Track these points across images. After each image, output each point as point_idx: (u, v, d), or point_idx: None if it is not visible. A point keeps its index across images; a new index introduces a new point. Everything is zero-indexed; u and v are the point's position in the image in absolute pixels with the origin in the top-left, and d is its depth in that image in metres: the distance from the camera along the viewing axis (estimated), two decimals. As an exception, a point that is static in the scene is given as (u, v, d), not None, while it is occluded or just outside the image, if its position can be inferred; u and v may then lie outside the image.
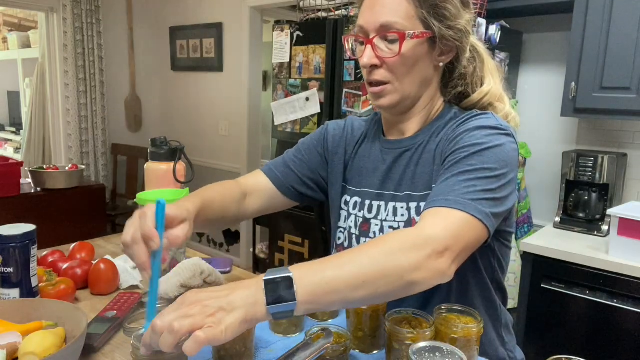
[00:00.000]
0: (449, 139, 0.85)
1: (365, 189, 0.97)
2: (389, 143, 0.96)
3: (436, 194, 0.75)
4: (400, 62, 0.84)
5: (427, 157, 0.89)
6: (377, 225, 0.93)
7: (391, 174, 0.94)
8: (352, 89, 2.30)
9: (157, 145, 1.22)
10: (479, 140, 0.79)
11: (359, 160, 1.01)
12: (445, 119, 0.91)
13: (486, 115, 0.85)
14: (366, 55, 0.85)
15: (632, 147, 2.14)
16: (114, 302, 0.94)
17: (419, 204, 0.87)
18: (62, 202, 2.73)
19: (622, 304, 1.71)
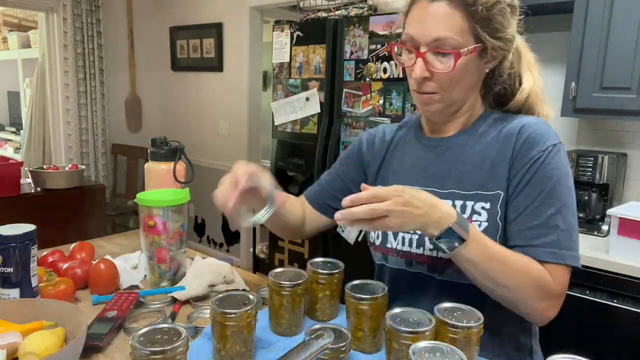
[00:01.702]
0: (521, 156, 0.85)
1: (404, 185, 0.95)
2: (430, 141, 0.97)
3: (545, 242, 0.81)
4: (451, 76, 0.84)
5: (475, 158, 0.90)
6: None
7: (432, 171, 0.94)
8: (352, 89, 2.30)
9: (157, 145, 1.22)
10: (559, 177, 0.83)
11: (394, 161, 1.01)
12: (487, 121, 0.93)
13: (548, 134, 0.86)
14: (418, 68, 0.84)
15: (632, 147, 2.14)
16: (113, 301, 0.94)
17: (464, 202, 0.88)
18: (62, 202, 2.73)
19: (622, 304, 1.71)
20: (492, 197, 0.86)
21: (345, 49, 2.30)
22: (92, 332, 0.83)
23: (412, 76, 0.86)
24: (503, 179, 0.86)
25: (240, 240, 3.87)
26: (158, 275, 1.06)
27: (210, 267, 1.08)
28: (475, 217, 0.86)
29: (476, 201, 0.87)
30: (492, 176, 0.87)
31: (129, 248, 1.34)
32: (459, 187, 0.89)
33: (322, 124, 2.43)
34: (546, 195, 0.82)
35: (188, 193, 1.08)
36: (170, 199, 1.03)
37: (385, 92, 2.17)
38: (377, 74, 2.19)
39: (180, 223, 1.05)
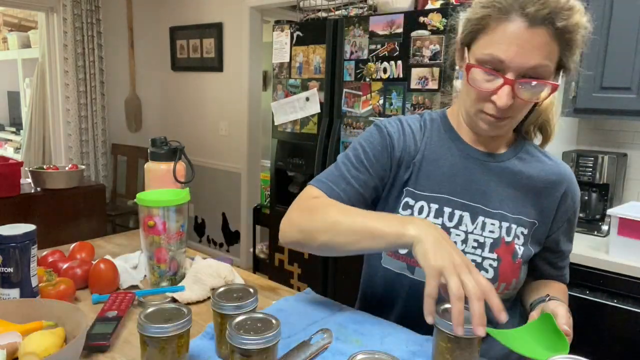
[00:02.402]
0: (572, 203, 0.95)
1: (443, 194, 0.92)
2: (479, 154, 0.93)
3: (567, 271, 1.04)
4: (530, 104, 0.83)
5: (523, 183, 0.92)
6: (459, 235, 0.90)
7: (479, 187, 0.92)
8: (352, 89, 2.30)
9: (157, 145, 1.22)
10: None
11: (428, 162, 0.93)
12: (530, 150, 0.96)
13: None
14: (505, 97, 0.78)
15: (632, 147, 2.14)
16: (111, 302, 0.94)
17: (510, 224, 0.91)
18: (62, 202, 2.73)
19: (622, 304, 1.71)
20: (530, 224, 0.92)
21: (345, 49, 2.30)
22: (96, 332, 0.83)
23: (497, 103, 0.79)
24: (543, 211, 0.93)
25: (240, 240, 3.87)
26: (158, 275, 1.06)
27: (210, 269, 1.08)
28: (516, 241, 0.91)
29: (519, 225, 0.91)
30: (533, 205, 0.92)
31: (129, 248, 1.34)
32: (506, 209, 0.91)
33: (322, 124, 2.43)
34: (572, 237, 1.00)
35: (188, 193, 1.08)
36: (170, 199, 1.03)
37: (385, 92, 2.17)
38: (377, 74, 2.19)
39: (180, 223, 1.05)
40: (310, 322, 0.91)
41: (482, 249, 0.89)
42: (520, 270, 0.91)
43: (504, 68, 0.78)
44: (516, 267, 0.90)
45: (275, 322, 0.67)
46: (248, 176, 3.73)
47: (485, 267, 0.89)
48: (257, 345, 0.63)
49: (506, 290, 0.90)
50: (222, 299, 0.77)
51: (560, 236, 0.96)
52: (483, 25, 0.80)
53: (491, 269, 0.88)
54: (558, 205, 0.93)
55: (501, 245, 0.89)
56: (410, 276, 0.92)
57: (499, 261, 0.89)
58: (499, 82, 0.79)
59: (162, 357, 0.69)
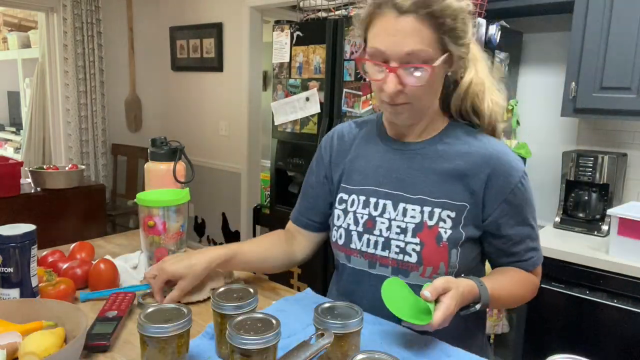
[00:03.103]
0: (505, 183, 0.92)
1: (369, 186, 0.99)
2: (397, 144, 0.99)
3: (530, 256, 0.98)
4: (423, 88, 0.86)
5: (444, 167, 0.94)
6: (384, 223, 0.96)
7: (400, 175, 0.97)
8: (352, 89, 2.30)
9: (157, 145, 1.22)
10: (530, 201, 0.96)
11: (358, 160, 1.03)
12: (456, 133, 0.97)
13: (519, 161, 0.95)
14: (391, 84, 0.85)
15: (632, 147, 2.14)
16: (111, 302, 0.94)
17: (433, 209, 0.92)
18: (62, 202, 2.73)
19: (622, 304, 1.71)
20: (458, 207, 0.92)
21: (345, 49, 2.30)
22: (97, 332, 0.83)
23: (385, 90, 0.86)
24: (473, 194, 0.92)
25: (240, 240, 3.87)
26: (158, 275, 1.06)
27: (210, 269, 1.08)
28: (441, 225, 0.92)
29: (443, 209, 0.92)
30: (460, 188, 0.93)
31: (129, 248, 1.34)
32: (427, 194, 0.93)
33: (322, 124, 2.43)
34: (524, 219, 0.95)
35: (188, 193, 1.08)
36: (170, 199, 1.03)
37: (385, 92, 2.17)
38: (377, 74, 2.19)
39: (180, 223, 1.05)
40: (310, 322, 0.91)
41: (404, 234, 0.93)
42: (449, 253, 0.91)
43: (387, 58, 0.84)
44: (442, 250, 0.91)
45: (275, 322, 0.68)
46: (248, 176, 3.73)
47: (409, 252, 0.92)
48: (257, 345, 0.63)
49: (434, 274, 0.91)
50: (222, 299, 0.77)
51: (501, 219, 0.93)
52: (367, 23, 0.87)
53: (414, 253, 0.92)
54: (485, 186, 0.92)
55: (424, 230, 0.92)
56: (350, 265, 1.00)
57: (422, 245, 0.91)
58: (385, 71, 0.85)
59: (162, 357, 0.69)
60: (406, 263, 0.93)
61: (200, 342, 0.84)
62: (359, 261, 0.98)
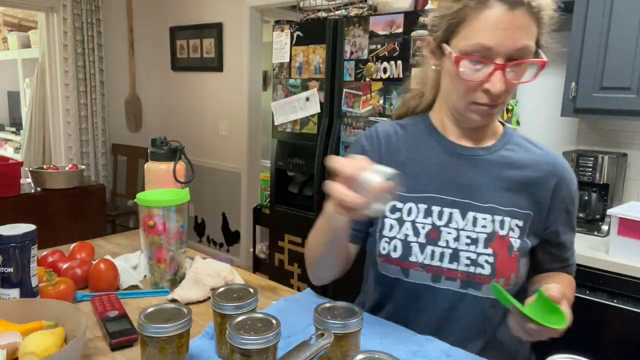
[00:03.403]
0: (568, 192, 0.93)
1: (430, 194, 0.91)
2: (462, 149, 0.93)
3: (573, 261, 1.01)
4: (516, 87, 0.82)
5: (512, 175, 0.90)
6: (451, 233, 0.89)
7: (466, 182, 0.90)
8: (352, 89, 2.30)
9: (157, 145, 1.22)
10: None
11: (410, 164, 0.93)
12: (516, 140, 0.95)
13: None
14: (499, 82, 0.78)
15: (632, 147, 2.14)
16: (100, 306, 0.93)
17: (503, 218, 0.88)
18: (62, 202, 2.73)
19: (622, 304, 1.71)
20: (524, 215, 0.90)
21: (345, 49, 2.30)
22: (117, 330, 0.84)
23: (492, 90, 0.79)
24: (537, 202, 0.91)
25: (240, 240, 3.87)
26: (158, 275, 1.06)
27: (210, 269, 1.08)
28: (511, 234, 0.88)
29: (512, 218, 0.89)
30: (527, 196, 0.90)
31: (129, 248, 1.34)
32: (497, 202, 0.89)
33: (322, 124, 2.43)
34: (574, 225, 0.98)
35: (188, 193, 1.08)
36: (170, 199, 1.03)
37: (385, 92, 2.17)
38: (377, 74, 2.19)
39: (180, 223, 1.05)
40: (310, 322, 0.91)
41: (475, 245, 0.88)
42: (519, 264, 0.88)
43: (491, 54, 0.78)
44: (513, 260, 0.87)
45: (275, 322, 0.68)
46: (248, 176, 3.73)
47: (481, 264, 0.87)
48: (257, 345, 0.63)
49: (506, 287, 0.87)
50: (222, 299, 0.77)
51: (560, 227, 0.93)
52: (461, 18, 0.80)
53: (487, 264, 0.87)
54: (552, 194, 0.91)
55: (495, 240, 0.88)
56: (407, 280, 0.91)
57: (495, 256, 0.87)
58: (489, 69, 0.79)
59: (162, 357, 0.69)
60: (478, 275, 0.87)
61: (200, 342, 0.84)
62: (420, 275, 0.90)
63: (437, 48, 0.86)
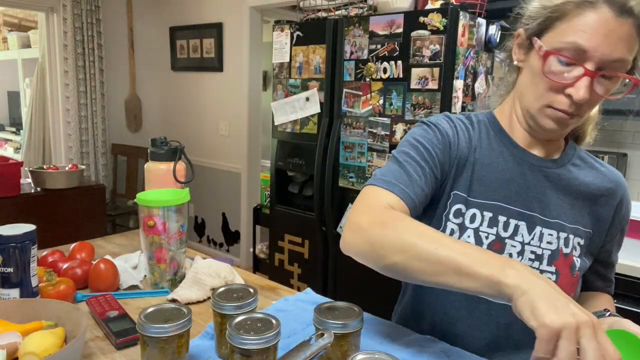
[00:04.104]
0: (627, 211, 0.92)
1: (497, 202, 0.85)
2: (534, 158, 0.86)
3: (614, 271, 0.99)
4: (599, 101, 0.76)
5: (580, 191, 0.87)
6: (515, 247, 0.84)
7: (535, 194, 0.85)
8: (352, 89, 2.30)
9: (157, 145, 1.22)
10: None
11: (480, 167, 0.86)
12: (582, 155, 0.93)
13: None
14: (583, 89, 0.72)
15: (632, 147, 2.14)
16: (98, 307, 0.93)
17: (568, 235, 0.85)
18: (62, 202, 2.73)
19: (622, 304, 1.71)
20: (586, 234, 0.87)
21: (345, 49, 2.30)
22: (121, 329, 0.84)
23: (573, 96, 0.73)
24: (599, 220, 0.89)
25: (240, 240, 3.87)
26: (158, 275, 1.06)
27: (210, 269, 1.08)
28: (574, 253, 0.86)
29: (576, 236, 0.86)
30: (589, 214, 0.88)
31: (129, 248, 1.34)
32: (564, 219, 0.85)
33: (322, 124, 2.43)
34: (620, 246, 0.96)
35: (188, 193, 1.08)
36: (170, 199, 1.03)
37: (385, 92, 2.17)
38: (377, 74, 2.19)
39: (180, 223, 1.05)
40: (310, 322, 0.91)
41: (539, 262, 0.83)
42: (578, 284, 0.85)
43: (584, 58, 0.72)
44: (575, 280, 0.84)
45: (275, 322, 0.68)
46: (248, 176, 3.74)
47: None
48: (257, 345, 0.63)
49: None
50: (222, 299, 0.77)
51: (613, 247, 0.93)
52: (562, 13, 0.73)
53: None
54: (614, 214, 0.89)
55: (559, 258, 0.83)
56: (492, 301, 0.83)
57: (557, 275, 0.82)
58: (578, 73, 0.72)
59: (162, 357, 0.69)
60: None
61: (200, 342, 0.84)
62: None
63: (526, 41, 0.80)
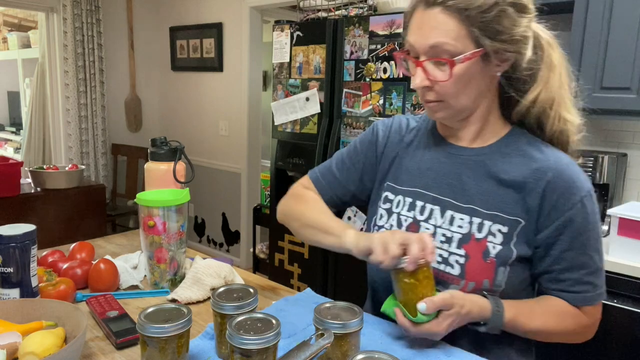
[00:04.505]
0: (564, 201, 0.83)
1: (416, 188, 0.94)
2: (453, 148, 0.93)
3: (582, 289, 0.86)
4: (452, 84, 0.82)
5: (500, 178, 0.87)
6: (429, 229, 0.90)
7: (451, 180, 0.91)
8: (352, 88, 2.30)
9: (157, 145, 1.22)
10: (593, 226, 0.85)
11: (408, 159, 0.98)
12: (517, 143, 0.89)
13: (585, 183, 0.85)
14: (417, 77, 0.83)
15: (632, 147, 2.14)
16: (98, 307, 0.93)
17: (482, 221, 0.86)
18: (62, 202, 2.73)
19: (622, 304, 1.71)
20: (511, 222, 0.85)
21: (345, 49, 2.30)
22: (121, 330, 0.84)
23: (412, 85, 0.85)
24: (528, 209, 0.85)
25: (240, 240, 3.87)
26: (158, 275, 1.06)
27: (210, 269, 1.08)
28: (490, 239, 0.85)
29: (494, 222, 0.86)
30: (515, 202, 0.85)
31: (129, 248, 1.34)
32: (479, 205, 0.87)
33: (322, 124, 2.43)
34: (583, 245, 0.84)
35: (188, 193, 1.08)
36: (170, 199, 1.03)
37: (385, 92, 2.17)
38: (377, 74, 2.19)
39: (180, 223, 1.05)
40: (310, 322, 0.91)
41: (449, 244, 0.87)
42: (496, 271, 0.84)
43: (415, 52, 0.84)
44: (488, 266, 0.84)
45: (275, 322, 0.68)
46: (248, 176, 3.74)
47: (451, 263, 0.86)
48: (257, 345, 0.63)
49: (477, 290, 0.84)
50: (222, 299, 0.77)
51: (553, 239, 0.84)
52: (408, 21, 0.87)
53: (457, 265, 0.85)
54: (540, 202, 0.84)
55: (470, 242, 0.86)
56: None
57: (466, 258, 0.85)
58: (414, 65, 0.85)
59: (162, 357, 0.69)
60: (447, 274, 0.86)
61: (200, 342, 0.84)
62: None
63: None
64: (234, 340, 0.64)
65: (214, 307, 0.77)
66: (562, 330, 0.86)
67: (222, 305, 0.76)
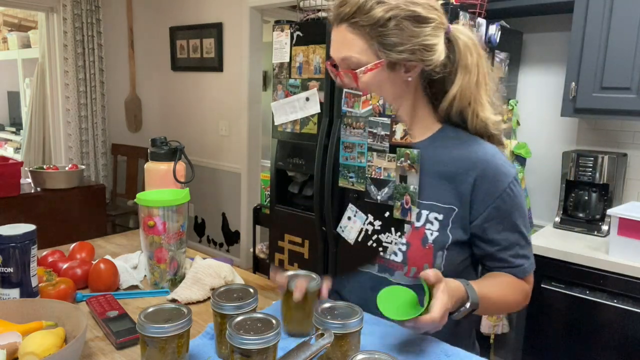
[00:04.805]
0: (493, 188, 0.91)
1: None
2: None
3: (520, 263, 0.96)
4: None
5: (433, 169, 0.94)
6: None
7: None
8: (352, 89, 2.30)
9: (157, 145, 1.22)
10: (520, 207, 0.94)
11: None
12: (446, 138, 0.97)
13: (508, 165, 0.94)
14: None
15: (632, 147, 2.14)
16: (98, 307, 0.93)
17: (420, 210, 0.94)
18: (62, 202, 2.73)
19: (622, 304, 1.71)
20: (446, 210, 0.93)
21: (345, 49, 2.30)
22: (121, 329, 0.84)
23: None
24: (460, 197, 0.92)
25: (240, 240, 3.87)
26: (158, 275, 1.06)
27: (210, 269, 1.08)
28: (428, 226, 0.93)
29: (431, 211, 0.93)
30: (448, 191, 0.93)
31: (129, 248, 1.34)
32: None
33: (322, 124, 2.43)
34: (513, 225, 0.94)
35: (188, 193, 1.08)
36: (170, 199, 1.03)
37: (385, 92, 2.17)
38: (377, 74, 2.19)
39: (180, 223, 1.05)
40: (310, 322, 0.91)
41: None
42: (434, 256, 0.92)
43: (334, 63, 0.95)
44: (427, 252, 0.92)
45: (275, 322, 0.68)
46: (248, 176, 3.74)
47: (395, 251, 0.95)
48: (257, 345, 0.63)
49: (416, 275, 0.92)
50: (222, 299, 0.77)
51: (487, 223, 0.92)
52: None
53: (400, 252, 0.95)
54: (472, 190, 0.92)
55: (411, 231, 0.94)
56: (390, 279, 0.98)
57: (407, 245, 0.94)
58: (334, 74, 0.98)
59: (162, 357, 0.69)
60: (392, 262, 0.96)
61: (200, 342, 0.84)
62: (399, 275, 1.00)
63: None
64: (234, 340, 0.64)
65: (214, 307, 0.77)
66: (516, 299, 0.95)
67: (222, 305, 0.76)
